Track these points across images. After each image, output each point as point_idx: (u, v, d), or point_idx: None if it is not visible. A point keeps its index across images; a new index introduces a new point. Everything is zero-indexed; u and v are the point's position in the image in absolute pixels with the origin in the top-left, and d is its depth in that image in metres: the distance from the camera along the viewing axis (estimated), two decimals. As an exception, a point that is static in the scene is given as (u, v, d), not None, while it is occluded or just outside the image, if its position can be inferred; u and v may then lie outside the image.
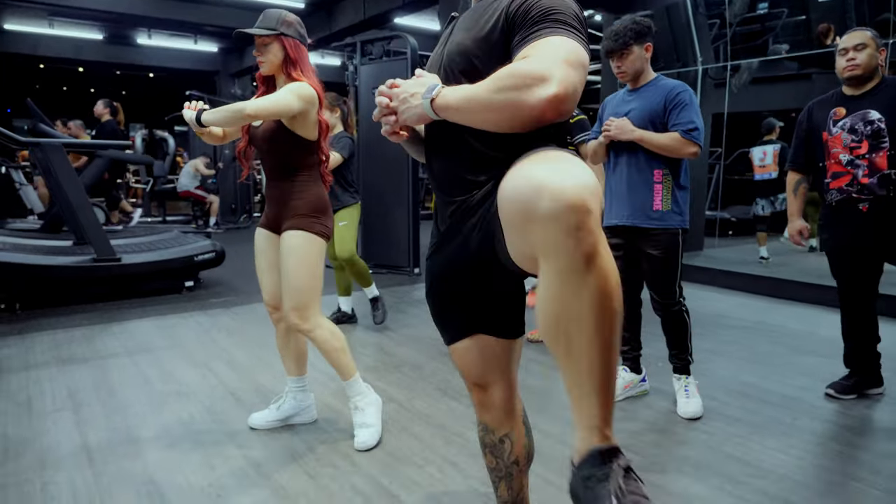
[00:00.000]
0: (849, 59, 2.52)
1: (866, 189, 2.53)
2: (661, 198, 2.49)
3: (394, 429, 2.45)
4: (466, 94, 1.08)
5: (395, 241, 5.87)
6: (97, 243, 4.52)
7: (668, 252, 2.53)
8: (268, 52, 2.22)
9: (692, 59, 6.65)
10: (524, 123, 1.04)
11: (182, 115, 2.18)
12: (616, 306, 0.90)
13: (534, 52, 1.06)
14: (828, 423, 2.56)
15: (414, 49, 5.68)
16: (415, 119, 1.17)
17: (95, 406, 2.65)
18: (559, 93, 0.99)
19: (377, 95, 1.22)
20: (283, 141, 2.22)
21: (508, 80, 1.02)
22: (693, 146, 2.41)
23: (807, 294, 4.73)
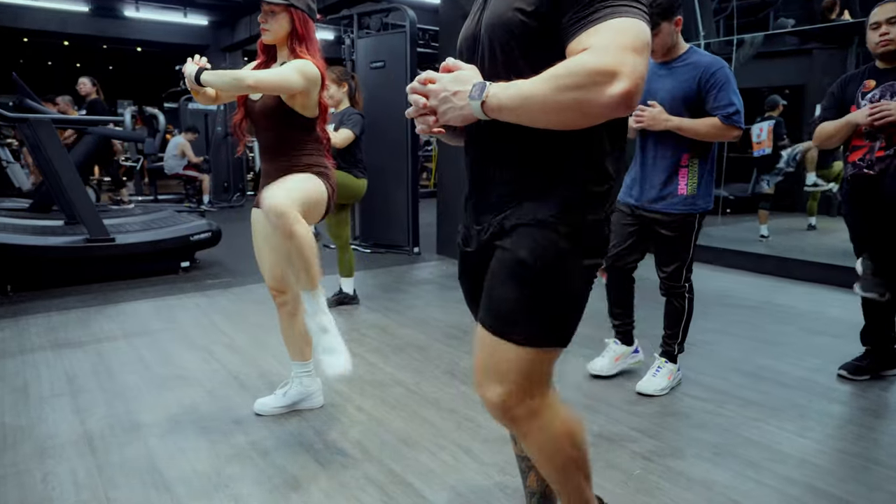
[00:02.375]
0: (882, 35, 2.41)
1: (878, 162, 2.47)
2: (687, 182, 2.40)
3: (403, 413, 2.39)
4: (523, 93, 0.98)
5: (394, 221, 5.77)
6: (90, 223, 4.39)
7: (682, 234, 2.46)
8: (274, 20, 2.11)
9: (695, 33, 6.52)
10: (591, 122, 0.99)
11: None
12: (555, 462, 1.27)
13: (596, 42, 0.96)
14: (844, 405, 2.52)
15: (413, 22, 5.52)
16: (459, 120, 1.07)
17: (95, 391, 2.57)
18: (630, 89, 0.92)
19: (410, 93, 1.12)
20: (281, 118, 2.13)
21: (573, 79, 0.94)
22: (735, 130, 2.30)
23: (813, 273, 4.68)
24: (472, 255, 1.27)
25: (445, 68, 1.11)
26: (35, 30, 11.08)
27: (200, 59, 2.08)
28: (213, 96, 2.20)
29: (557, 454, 1.22)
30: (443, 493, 1.83)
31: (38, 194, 6.31)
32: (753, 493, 1.84)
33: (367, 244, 5.94)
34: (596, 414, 2.39)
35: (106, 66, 15.89)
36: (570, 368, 2.81)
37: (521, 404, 1.14)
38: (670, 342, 2.60)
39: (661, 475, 1.93)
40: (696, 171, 2.41)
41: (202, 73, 2.01)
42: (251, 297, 4.13)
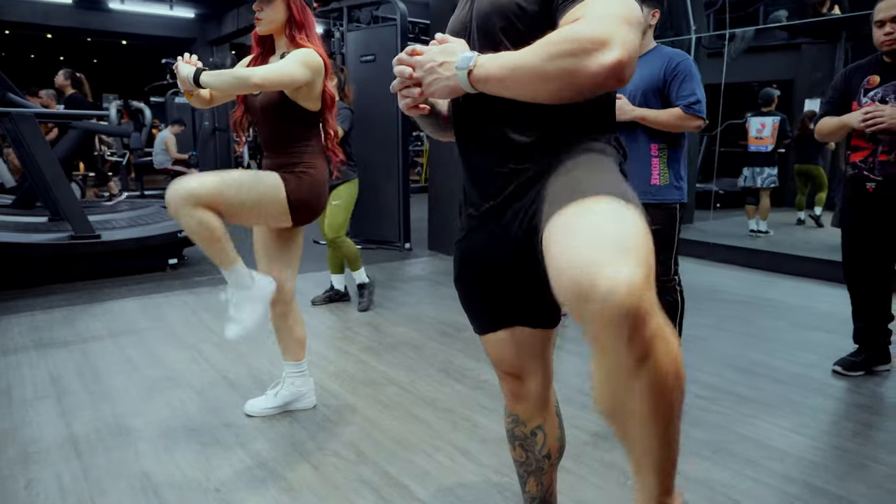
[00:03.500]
0: (886, 34, 2.36)
1: (879, 166, 2.44)
2: (659, 171, 2.39)
3: (397, 413, 2.36)
4: (512, 62, 0.94)
5: (385, 216, 5.73)
6: (74, 220, 4.31)
7: (663, 226, 2.44)
8: (270, 8, 2.03)
9: (686, 27, 6.51)
10: (581, 93, 0.93)
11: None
12: (674, 399, 0.82)
13: (588, 12, 0.93)
14: (839, 401, 2.52)
15: (403, 15, 5.46)
16: (445, 92, 1.03)
17: (80, 393, 2.51)
18: (622, 58, 0.87)
19: (396, 65, 1.08)
20: (285, 112, 2.06)
21: (564, 46, 0.89)
22: (696, 120, 2.30)
23: (802, 268, 4.70)
24: (478, 250, 1.20)
25: (436, 42, 1.07)
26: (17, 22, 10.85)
27: (191, 57, 2.01)
28: (208, 98, 2.12)
29: (677, 387, 0.82)
30: (439, 496, 1.80)
31: (21, 190, 6.20)
32: (753, 492, 1.82)
33: (358, 240, 5.88)
34: (592, 413, 2.37)
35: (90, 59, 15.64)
36: (568, 368, 2.78)
37: (652, 291, 0.78)
38: None
39: (659, 474, 1.91)
40: (665, 161, 2.40)
41: (201, 74, 1.91)
42: (240, 294, 4.06)
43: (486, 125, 1.13)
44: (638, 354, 0.77)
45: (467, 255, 1.24)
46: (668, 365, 0.79)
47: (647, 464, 0.90)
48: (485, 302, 1.26)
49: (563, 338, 3.27)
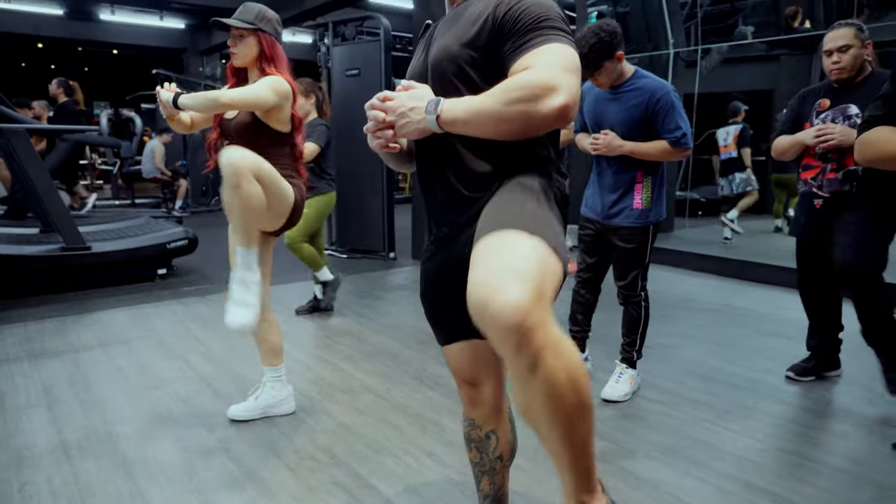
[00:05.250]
0: (834, 62, 2.51)
1: (828, 183, 2.59)
2: (642, 196, 2.56)
3: (372, 419, 2.50)
4: (474, 107, 1.11)
5: (370, 226, 5.87)
6: (65, 231, 4.43)
7: (637, 245, 2.59)
8: (243, 44, 2.22)
9: (664, 42, 6.70)
10: (534, 132, 1.12)
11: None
12: (568, 402, 0.94)
13: (535, 62, 1.11)
14: (788, 405, 2.68)
15: (387, 31, 5.62)
16: (415, 134, 1.18)
17: (71, 402, 2.64)
18: (568, 102, 1.06)
19: (369, 110, 1.22)
20: (257, 133, 2.23)
21: (518, 93, 1.07)
22: (684, 151, 2.47)
23: (772, 276, 4.88)
24: (437, 269, 1.37)
25: (402, 88, 1.23)
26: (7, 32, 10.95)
27: (171, 84, 2.17)
28: (189, 123, 2.30)
29: (570, 393, 0.93)
30: (405, 495, 1.94)
31: (12, 201, 6.30)
32: (696, 491, 1.97)
33: (344, 250, 6.03)
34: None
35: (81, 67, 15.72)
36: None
37: (539, 308, 0.91)
38: (629, 349, 2.73)
39: (612, 475, 2.06)
40: (649, 187, 2.56)
41: (178, 97, 2.10)
42: (227, 304, 4.19)
43: (444, 161, 1.29)
44: (527, 363, 0.91)
45: (429, 275, 1.42)
46: (559, 373, 0.92)
47: (561, 463, 1.03)
48: (444, 317, 1.42)
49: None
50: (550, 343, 0.91)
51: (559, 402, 0.94)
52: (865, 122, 1.72)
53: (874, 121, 1.69)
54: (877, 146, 1.65)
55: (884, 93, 1.72)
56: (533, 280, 0.94)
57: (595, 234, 2.70)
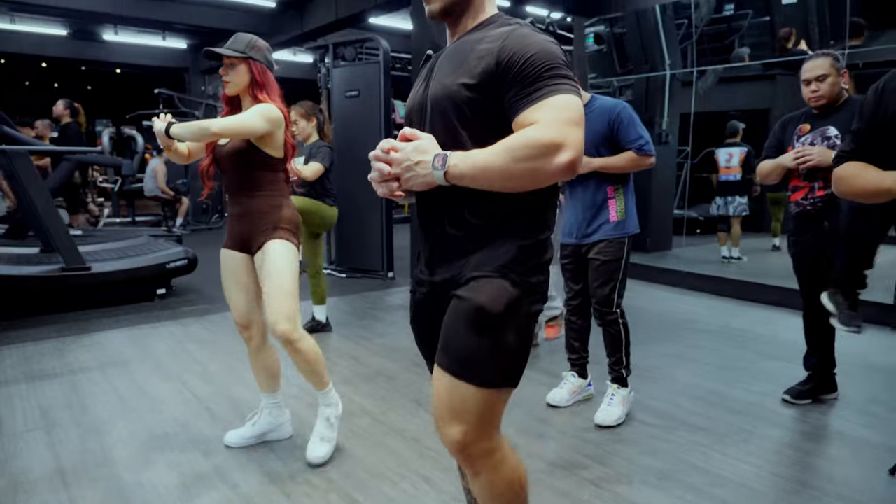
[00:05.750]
0: (812, 91, 2.62)
1: (820, 200, 2.65)
2: (616, 209, 2.66)
3: (369, 443, 2.50)
4: (481, 164, 1.13)
5: (369, 246, 5.89)
6: (66, 252, 4.45)
7: (613, 258, 2.65)
8: (235, 73, 2.25)
9: (661, 62, 6.78)
10: (540, 185, 1.18)
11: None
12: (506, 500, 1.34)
13: (541, 117, 1.13)
14: (786, 429, 2.68)
15: (386, 52, 5.69)
16: (421, 187, 1.20)
17: (68, 425, 2.64)
18: (575, 158, 1.10)
19: (374, 160, 1.23)
20: (250, 159, 2.27)
21: (527, 151, 1.10)
22: (649, 158, 2.61)
23: (771, 296, 4.89)
24: (425, 302, 1.39)
25: (404, 137, 1.23)
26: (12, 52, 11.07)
27: (166, 115, 2.21)
28: (186, 153, 2.33)
29: (504, 494, 1.30)
30: (401, 523, 1.94)
31: (13, 220, 6.33)
32: (692, 517, 1.97)
33: (343, 269, 6.05)
34: (550, 441, 2.52)
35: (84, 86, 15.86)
36: (531, 395, 2.94)
37: (479, 443, 1.25)
38: (617, 367, 2.74)
39: (607, 501, 2.06)
40: (622, 198, 2.67)
41: (171, 127, 2.13)
42: (226, 324, 4.21)
43: (441, 207, 1.31)
44: (471, 473, 1.30)
45: (415, 307, 1.44)
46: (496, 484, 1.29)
47: None
48: (432, 346, 1.43)
49: (530, 367, 3.43)
50: (487, 466, 1.27)
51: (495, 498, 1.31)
52: (838, 157, 1.77)
53: (845, 156, 1.74)
54: (849, 181, 1.71)
55: (853, 129, 1.77)
56: (472, 422, 1.23)
57: (575, 259, 2.76)
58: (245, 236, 2.32)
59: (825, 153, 2.53)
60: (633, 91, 6.98)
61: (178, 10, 9.14)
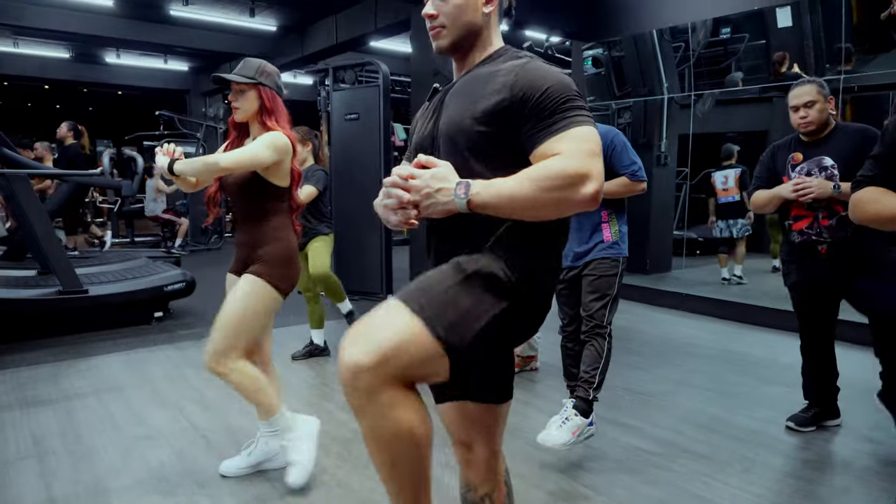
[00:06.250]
0: (801, 117, 2.64)
1: (826, 230, 2.64)
2: (611, 231, 2.68)
3: (367, 472, 2.46)
4: (507, 193, 1.14)
5: (368, 267, 5.88)
6: (63, 275, 4.43)
7: (607, 274, 2.64)
8: (244, 99, 2.25)
9: (658, 85, 6.84)
10: (564, 215, 1.20)
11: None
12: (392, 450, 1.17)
13: (564, 148, 1.15)
14: (788, 457, 2.64)
15: (386, 76, 5.73)
16: (441, 214, 1.19)
17: (61, 454, 2.60)
18: (599, 189, 1.13)
19: (390, 187, 1.21)
20: (256, 188, 2.25)
21: (553, 182, 1.12)
22: (641, 184, 2.63)
23: (771, 319, 4.87)
24: None
25: (419, 164, 1.23)
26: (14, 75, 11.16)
27: (169, 146, 2.17)
28: (194, 182, 2.30)
29: (393, 441, 1.15)
30: (399, 557, 1.89)
31: (12, 241, 6.32)
32: (695, 551, 1.93)
33: (342, 291, 6.02)
34: (551, 471, 2.48)
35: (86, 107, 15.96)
36: (534, 423, 2.90)
37: (371, 373, 1.09)
38: (587, 388, 2.55)
39: (609, 533, 2.03)
40: (616, 222, 2.70)
41: (175, 164, 2.08)
42: (223, 348, 4.17)
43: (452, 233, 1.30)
44: (354, 406, 1.14)
45: None
46: (384, 423, 1.13)
47: (388, 493, 1.26)
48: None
49: (531, 392, 3.40)
50: (374, 406, 1.12)
51: (382, 446, 1.17)
52: (857, 182, 1.75)
53: (866, 181, 1.72)
54: (867, 207, 1.68)
55: (875, 153, 1.74)
56: (379, 346, 1.10)
57: (570, 282, 2.75)
58: (246, 261, 2.32)
59: (824, 185, 2.54)
60: (631, 113, 7.04)
61: (179, 33, 9.23)
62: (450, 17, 1.33)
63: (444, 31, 1.34)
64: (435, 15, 1.34)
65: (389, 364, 1.10)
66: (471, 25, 1.34)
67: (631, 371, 3.73)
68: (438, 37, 1.35)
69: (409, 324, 1.14)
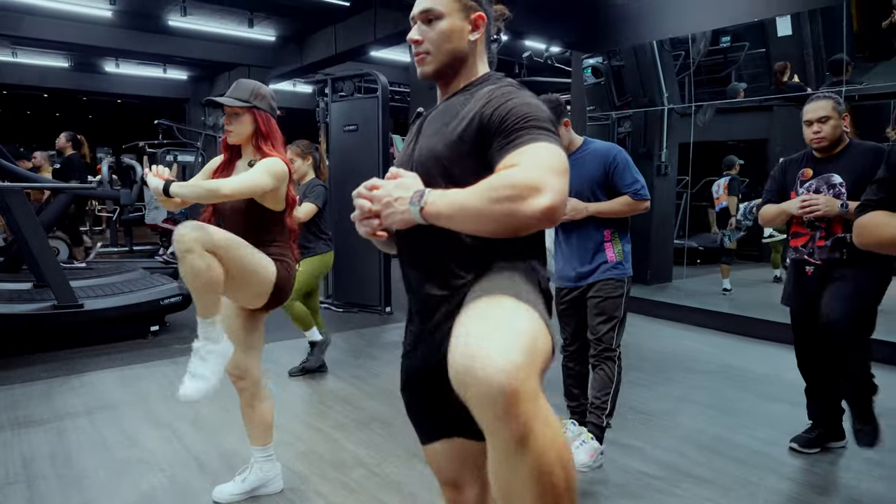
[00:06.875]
0: (815, 132, 2.59)
1: (819, 251, 2.60)
2: (614, 252, 2.61)
3: (363, 497, 2.41)
4: (458, 202, 1.08)
5: (366, 280, 5.83)
6: (58, 289, 4.38)
7: (613, 296, 2.59)
8: (238, 122, 2.21)
9: (658, 95, 6.81)
10: (517, 231, 1.08)
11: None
12: (556, 480, 0.87)
13: (522, 160, 1.08)
14: (793, 481, 2.59)
15: (385, 87, 5.70)
16: (400, 224, 1.15)
17: (51, 478, 2.55)
18: (554, 203, 1.02)
19: (356, 198, 1.21)
20: (251, 214, 2.21)
21: (503, 191, 1.03)
22: (644, 203, 2.57)
23: (773, 332, 4.81)
24: (419, 361, 1.33)
25: (391, 175, 1.20)
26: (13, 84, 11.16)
27: (159, 168, 2.13)
28: (179, 202, 2.25)
29: (560, 472, 0.88)
30: (394, 592, 1.85)
31: (8, 252, 6.28)
32: (699, 584, 1.88)
33: (340, 304, 5.98)
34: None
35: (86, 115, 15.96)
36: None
37: (531, 378, 0.85)
38: (599, 413, 2.56)
39: (610, 565, 1.97)
40: (619, 242, 2.63)
41: (171, 186, 2.03)
42: (219, 364, 4.12)
43: (424, 253, 1.27)
44: (515, 436, 0.83)
45: (409, 371, 1.38)
46: (550, 451, 0.85)
47: None
48: (425, 414, 1.37)
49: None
50: (542, 416, 0.85)
51: (547, 481, 0.85)
52: (862, 205, 1.70)
53: (872, 205, 1.67)
54: (874, 231, 1.63)
55: (880, 177, 1.70)
56: (526, 344, 0.88)
57: (572, 302, 2.70)
58: None
59: (831, 202, 2.50)
60: (631, 123, 7.02)
61: (177, 43, 9.23)
62: (434, 44, 1.31)
63: (429, 58, 1.32)
64: (420, 41, 1.32)
65: (536, 366, 0.88)
66: (456, 52, 1.31)
67: (632, 388, 3.66)
68: (423, 63, 1.33)
69: (533, 316, 0.97)
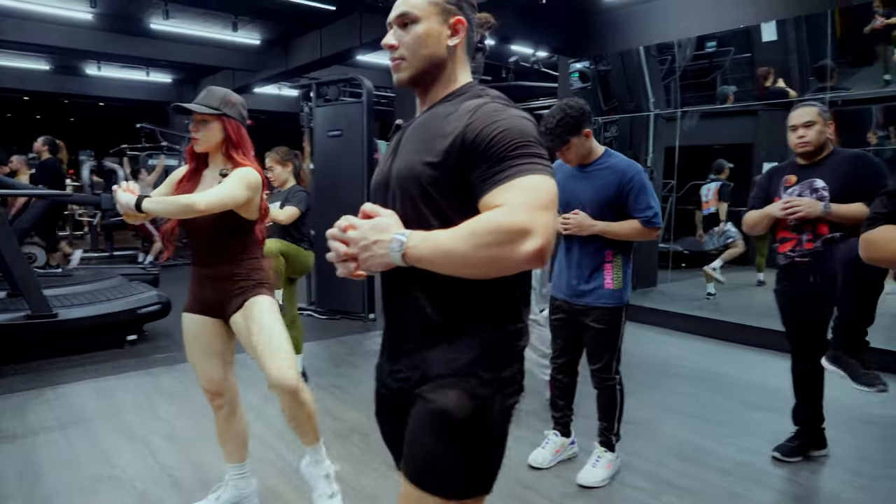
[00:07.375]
0: (799, 137, 2.60)
1: (809, 254, 2.60)
2: (612, 276, 2.51)
3: (341, 515, 2.35)
4: (442, 247, 1.03)
5: (350, 287, 5.76)
6: (31, 298, 4.29)
7: (610, 327, 2.53)
8: (206, 130, 2.15)
9: (645, 100, 6.82)
10: (505, 274, 1.06)
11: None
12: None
13: (509, 199, 1.03)
14: (777, 492, 2.57)
15: (370, 92, 5.65)
16: (380, 267, 1.10)
17: (17, 499, 2.47)
18: (543, 246, 0.99)
19: (331, 240, 1.14)
20: (223, 225, 2.15)
21: (490, 237, 1.00)
22: (655, 231, 2.45)
23: (757, 337, 4.82)
24: (389, 397, 1.29)
25: (364, 214, 1.13)
26: (-8, 86, 10.99)
27: (128, 183, 2.07)
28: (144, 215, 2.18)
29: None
30: None
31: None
32: None
33: (323, 310, 5.91)
34: (532, 511, 2.39)
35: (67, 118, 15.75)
36: (509, 459, 2.80)
37: None
38: (607, 433, 2.64)
39: (590, 584, 1.94)
40: (620, 266, 2.53)
41: (143, 202, 1.97)
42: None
43: (402, 292, 1.22)
44: None
45: (379, 401, 1.35)
46: None
47: None
48: (396, 442, 1.32)
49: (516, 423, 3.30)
50: None
51: None
52: (870, 219, 1.66)
53: (880, 218, 1.63)
54: (886, 247, 1.59)
55: (889, 190, 1.65)
56: None
57: (565, 316, 2.65)
58: (218, 299, 2.21)
59: (813, 204, 2.51)
60: (617, 127, 7.02)
61: (160, 46, 9.11)
62: (410, 49, 1.24)
63: (404, 64, 1.25)
64: (395, 46, 1.25)
65: None
66: (433, 58, 1.24)
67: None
68: (398, 69, 1.26)
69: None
